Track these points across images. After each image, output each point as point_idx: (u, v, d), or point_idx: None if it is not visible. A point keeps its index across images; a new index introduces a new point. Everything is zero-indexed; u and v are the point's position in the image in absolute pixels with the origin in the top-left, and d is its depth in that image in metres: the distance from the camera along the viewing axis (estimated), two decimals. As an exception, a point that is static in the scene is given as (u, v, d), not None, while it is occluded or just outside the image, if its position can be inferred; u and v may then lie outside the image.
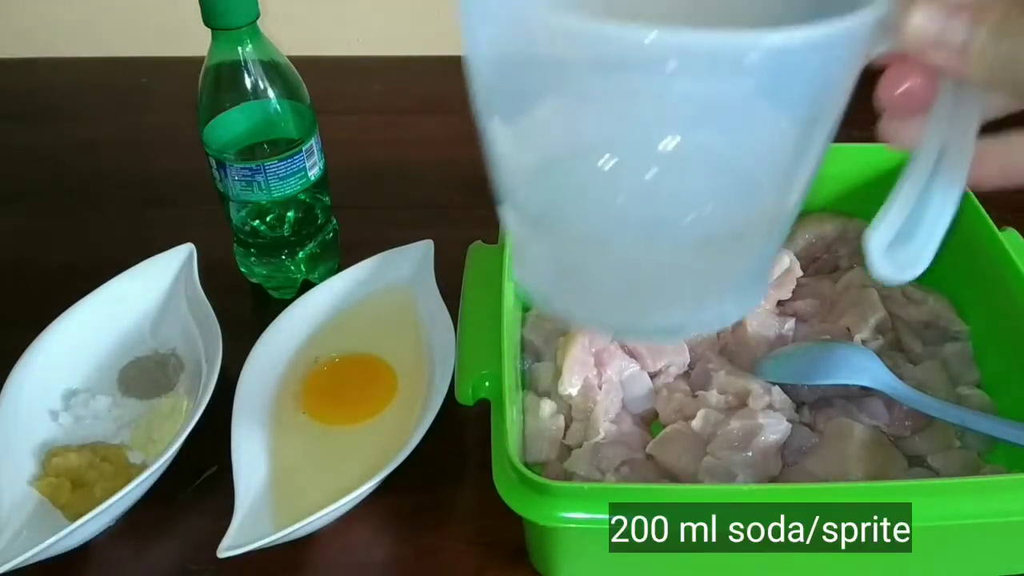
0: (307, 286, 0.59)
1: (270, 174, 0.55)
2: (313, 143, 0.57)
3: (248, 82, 0.54)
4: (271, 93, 0.55)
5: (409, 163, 0.76)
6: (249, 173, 0.55)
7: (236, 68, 0.53)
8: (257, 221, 0.60)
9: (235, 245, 0.62)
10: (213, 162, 0.56)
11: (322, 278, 0.60)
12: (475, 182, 0.35)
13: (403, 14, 0.94)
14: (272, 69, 0.54)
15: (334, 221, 0.63)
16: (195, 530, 0.48)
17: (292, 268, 0.61)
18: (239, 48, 0.53)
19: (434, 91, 0.83)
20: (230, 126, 0.55)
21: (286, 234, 0.60)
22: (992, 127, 0.28)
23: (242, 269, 0.62)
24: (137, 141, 0.81)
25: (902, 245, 0.27)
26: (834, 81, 0.26)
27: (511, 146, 0.29)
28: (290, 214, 0.60)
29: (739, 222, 0.29)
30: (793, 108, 0.26)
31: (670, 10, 0.29)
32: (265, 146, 0.56)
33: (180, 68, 0.65)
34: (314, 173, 0.58)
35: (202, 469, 0.50)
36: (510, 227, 0.33)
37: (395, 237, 0.60)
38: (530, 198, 0.31)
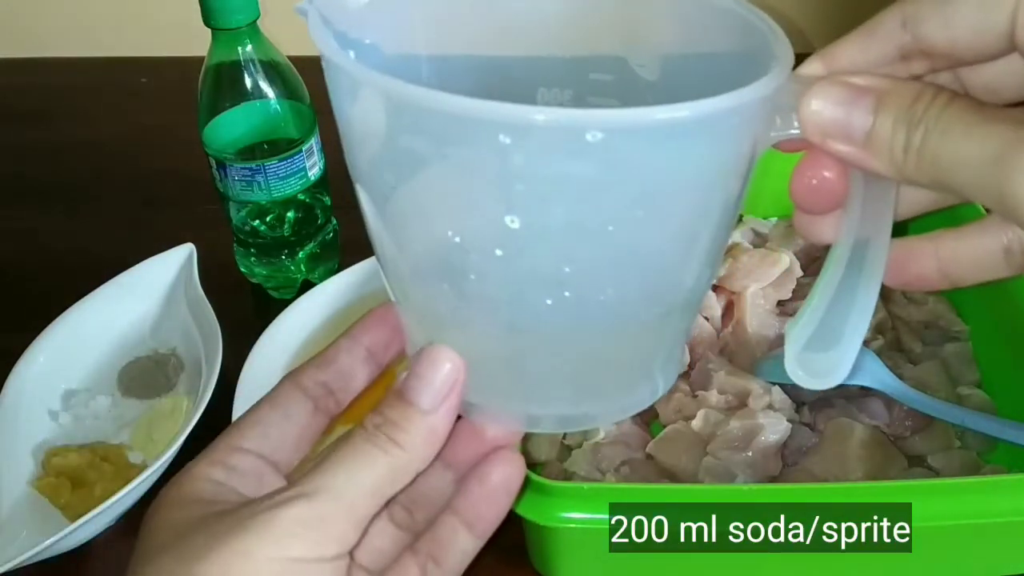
0: (307, 286, 0.59)
1: (270, 174, 0.55)
2: (313, 143, 0.57)
3: (248, 82, 0.54)
4: (271, 93, 0.55)
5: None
6: (249, 173, 0.55)
7: (236, 68, 0.53)
8: (257, 221, 0.60)
9: (235, 245, 0.61)
10: (213, 162, 0.56)
11: (322, 278, 0.60)
12: (475, 182, 0.35)
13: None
14: (272, 69, 0.54)
15: (334, 221, 0.63)
16: (195, 530, 0.47)
17: (292, 268, 0.61)
18: (239, 48, 0.53)
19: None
20: (230, 126, 0.55)
21: (286, 234, 0.60)
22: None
23: (242, 269, 0.62)
24: (137, 141, 0.81)
25: (821, 351, 0.24)
26: (706, 165, 0.23)
27: (380, 226, 0.28)
28: (290, 214, 0.60)
29: (616, 309, 0.26)
30: (658, 189, 0.23)
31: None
32: (265, 146, 0.56)
33: (180, 68, 0.65)
34: (314, 173, 0.58)
35: (202, 469, 0.50)
36: (400, 316, 0.31)
37: (395, 237, 0.60)
38: (402, 282, 0.29)
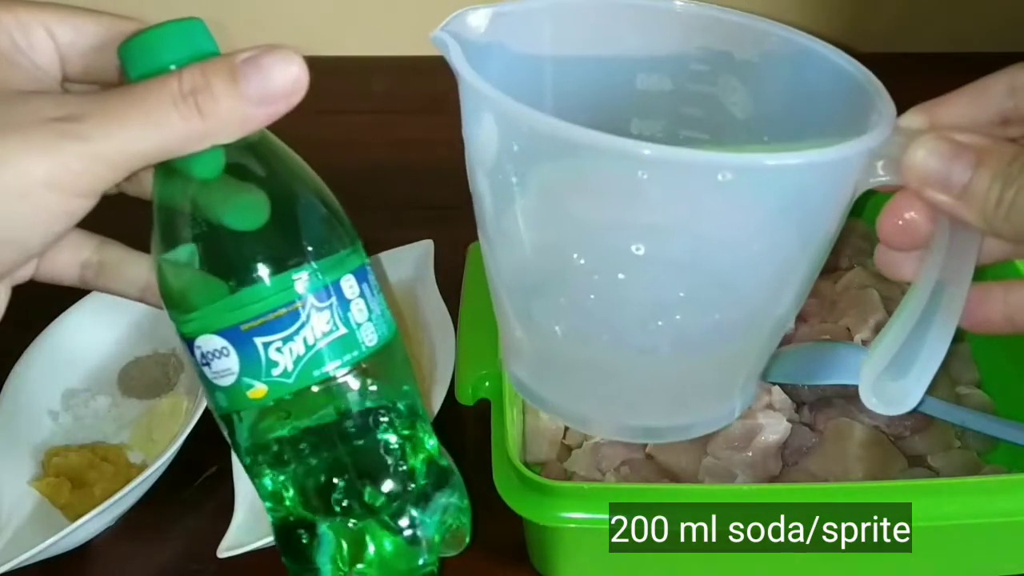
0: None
1: None
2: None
3: None
4: None
5: (409, 163, 0.76)
6: None
7: None
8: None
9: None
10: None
11: None
12: (475, 182, 0.35)
13: (403, 14, 0.94)
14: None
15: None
16: (195, 530, 0.48)
17: None
18: None
19: (434, 91, 0.82)
20: None
21: None
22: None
23: None
24: (137, 141, 0.81)
25: (894, 379, 0.26)
26: (817, 203, 0.26)
27: (505, 245, 0.30)
28: None
29: (717, 332, 0.29)
30: (771, 226, 0.26)
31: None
32: None
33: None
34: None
35: (202, 469, 0.50)
36: (500, 322, 0.33)
37: (395, 237, 0.60)
38: (517, 292, 0.31)
